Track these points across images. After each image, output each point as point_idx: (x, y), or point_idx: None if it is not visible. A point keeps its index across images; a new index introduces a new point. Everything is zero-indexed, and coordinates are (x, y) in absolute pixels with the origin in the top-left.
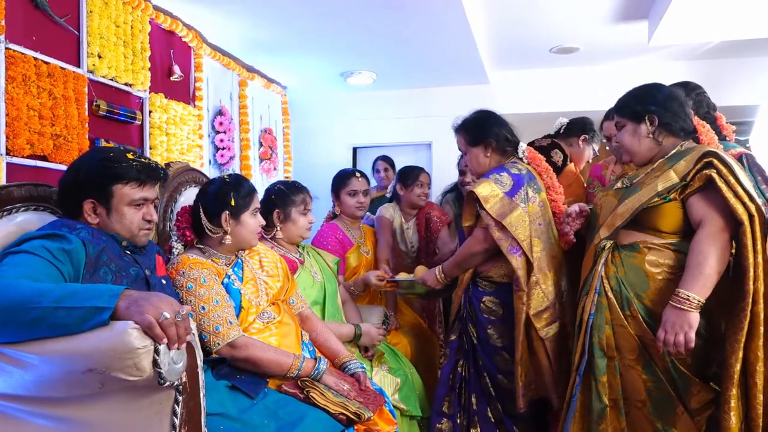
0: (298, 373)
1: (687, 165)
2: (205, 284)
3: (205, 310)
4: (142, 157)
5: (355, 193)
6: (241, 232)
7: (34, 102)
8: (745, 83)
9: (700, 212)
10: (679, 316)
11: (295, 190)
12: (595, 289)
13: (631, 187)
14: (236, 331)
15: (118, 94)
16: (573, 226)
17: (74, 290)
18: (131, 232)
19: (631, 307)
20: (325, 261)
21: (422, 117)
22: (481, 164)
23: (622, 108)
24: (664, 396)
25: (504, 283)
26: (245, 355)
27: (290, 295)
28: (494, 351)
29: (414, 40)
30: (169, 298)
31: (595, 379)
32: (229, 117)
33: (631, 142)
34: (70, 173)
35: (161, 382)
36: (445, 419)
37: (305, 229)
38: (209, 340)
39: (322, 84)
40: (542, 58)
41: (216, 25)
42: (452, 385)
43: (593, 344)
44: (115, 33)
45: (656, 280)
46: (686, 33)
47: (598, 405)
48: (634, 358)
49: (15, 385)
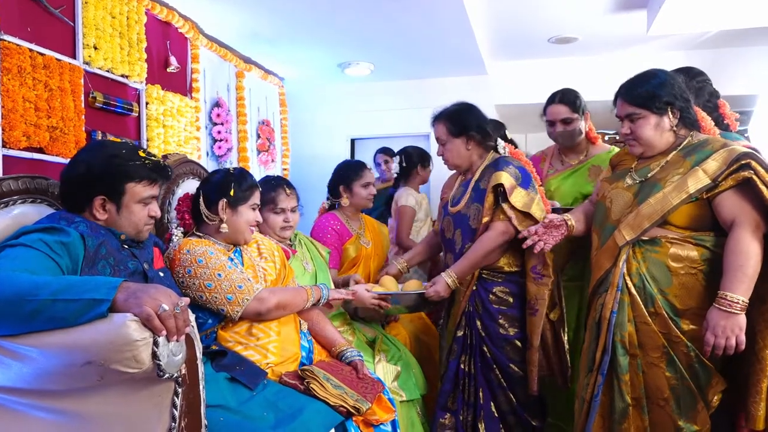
0: (313, 300)
1: (719, 165)
2: (214, 255)
3: (221, 276)
4: (150, 154)
5: (368, 185)
6: (236, 222)
7: (30, 94)
8: (744, 73)
9: (734, 211)
10: (728, 319)
11: (268, 187)
12: (617, 286)
13: (648, 182)
14: (259, 284)
15: (115, 85)
16: (556, 238)
17: (72, 283)
18: (137, 228)
19: (656, 303)
20: (318, 250)
21: (420, 108)
22: (462, 156)
23: (640, 98)
24: (687, 393)
25: (514, 272)
26: (275, 302)
27: (287, 283)
28: (505, 341)
29: (412, 31)
30: (168, 290)
31: (618, 378)
32: (227, 108)
33: (652, 135)
34: (78, 168)
35: (160, 374)
36: (448, 414)
37: (279, 228)
38: (235, 300)
39: (319, 75)
40: (540, 48)
41: (212, 16)
42: (456, 381)
43: (615, 342)
44: (111, 24)
45: (679, 275)
46: (685, 22)
47: (621, 404)
48: (658, 356)
49: (14, 378)
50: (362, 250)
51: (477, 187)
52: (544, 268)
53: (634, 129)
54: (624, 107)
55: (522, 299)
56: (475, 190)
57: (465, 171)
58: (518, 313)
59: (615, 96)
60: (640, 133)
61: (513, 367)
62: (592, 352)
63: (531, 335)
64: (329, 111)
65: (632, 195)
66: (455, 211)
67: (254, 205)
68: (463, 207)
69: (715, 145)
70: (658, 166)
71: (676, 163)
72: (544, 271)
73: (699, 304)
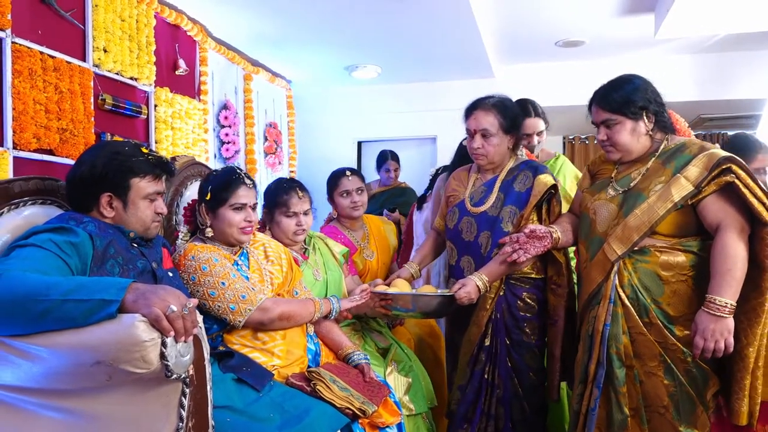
0: (321, 313)
1: (701, 171)
2: (219, 262)
3: (225, 285)
4: (153, 151)
5: (347, 193)
6: (219, 226)
7: (41, 96)
8: (752, 76)
9: (719, 216)
10: (717, 323)
11: (280, 190)
12: (609, 298)
13: (631, 192)
14: (262, 294)
15: (124, 88)
16: (538, 249)
17: (82, 283)
18: (145, 225)
19: (650, 313)
20: (331, 251)
21: (427, 111)
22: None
23: (615, 103)
24: (686, 398)
25: (540, 278)
26: (278, 313)
27: (294, 286)
28: (528, 348)
29: (419, 34)
30: (177, 291)
31: (615, 391)
32: (234, 111)
33: (629, 140)
34: (83, 167)
35: (168, 374)
36: (466, 424)
37: (291, 232)
38: (238, 310)
39: (326, 78)
40: (548, 51)
41: (221, 19)
42: (479, 390)
43: (611, 355)
44: (121, 27)
45: (670, 283)
46: (693, 26)
47: (619, 416)
48: (655, 364)
49: (24, 377)
50: (366, 264)
51: (510, 189)
52: (559, 278)
53: (610, 135)
54: (599, 113)
55: (544, 307)
56: (506, 191)
57: (486, 170)
58: (540, 321)
59: (589, 103)
60: (617, 139)
61: (531, 375)
62: (585, 365)
63: (552, 345)
64: (336, 113)
65: (616, 206)
66: (478, 212)
67: (236, 205)
68: (489, 208)
69: (692, 149)
70: (638, 175)
71: (657, 170)
72: (559, 281)
73: (691, 310)
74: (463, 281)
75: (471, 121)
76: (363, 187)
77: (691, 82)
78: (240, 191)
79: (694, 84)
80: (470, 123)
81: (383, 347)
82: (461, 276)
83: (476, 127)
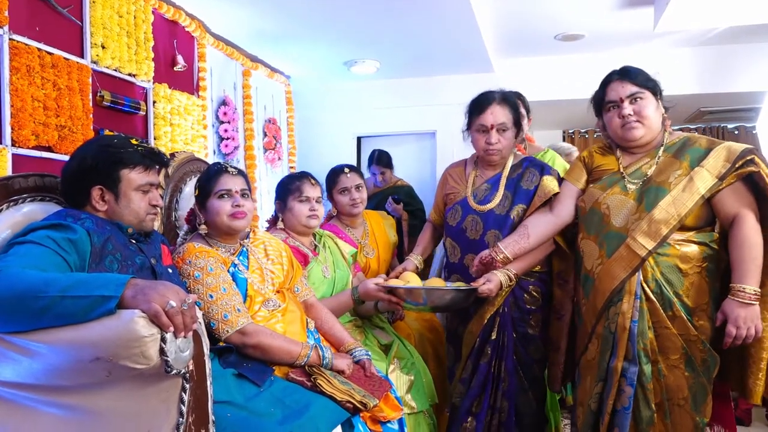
0: (306, 361)
1: (723, 163)
2: (212, 272)
3: (213, 298)
4: (144, 142)
5: (346, 190)
6: (210, 219)
7: (39, 93)
8: (752, 69)
9: (736, 206)
10: (747, 310)
11: (293, 179)
12: (635, 294)
13: (648, 186)
14: (245, 318)
15: (122, 84)
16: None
17: (81, 279)
18: (139, 218)
19: (674, 307)
20: (341, 251)
21: (426, 106)
22: (510, 148)
23: (642, 77)
24: (701, 388)
25: (543, 272)
26: (255, 342)
27: (295, 283)
28: (532, 341)
29: (418, 29)
30: (176, 287)
31: (643, 387)
32: (233, 107)
33: (654, 116)
34: (74, 162)
35: (168, 370)
36: (470, 418)
37: (305, 216)
38: (218, 328)
39: (325, 73)
40: (547, 45)
41: (219, 15)
42: (485, 384)
43: (638, 351)
44: (118, 23)
45: (689, 275)
46: (692, 19)
47: (647, 413)
48: (677, 357)
49: (23, 373)
50: (367, 262)
51: (517, 188)
52: (567, 274)
53: (638, 109)
54: (626, 87)
55: (548, 301)
56: (512, 188)
57: (486, 166)
58: (543, 314)
59: (608, 79)
60: (646, 113)
61: (535, 367)
62: (606, 362)
63: (557, 339)
64: (335, 109)
65: (634, 201)
66: (485, 210)
67: (220, 192)
68: (497, 207)
69: (700, 142)
70: (650, 168)
71: (671, 164)
72: (567, 275)
73: (705, 300)
74: (488, 276)
75: (487, 116)
76: (362, 184)
77: (691, 75)
78: (222, 179)
79: (693, 77)
80: (486, 118)
81: (385, 343)
82: (464, 274)
83: (494, 122)
